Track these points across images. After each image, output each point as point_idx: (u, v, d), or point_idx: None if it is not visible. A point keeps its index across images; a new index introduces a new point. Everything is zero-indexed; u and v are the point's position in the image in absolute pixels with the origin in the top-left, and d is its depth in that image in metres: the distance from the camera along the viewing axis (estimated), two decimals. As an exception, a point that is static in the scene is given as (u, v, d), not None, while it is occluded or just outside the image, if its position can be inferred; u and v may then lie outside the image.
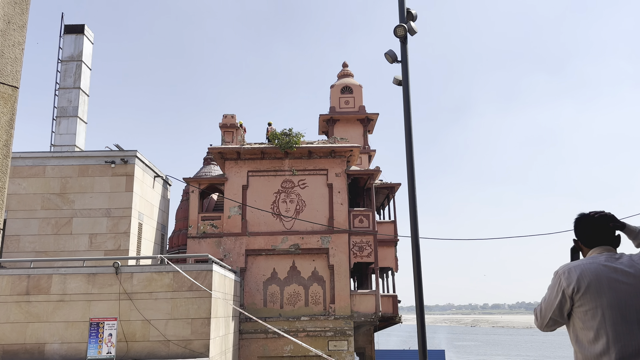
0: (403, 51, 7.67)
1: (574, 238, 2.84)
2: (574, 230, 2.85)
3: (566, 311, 2.55)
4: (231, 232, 18.54)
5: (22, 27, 2.14)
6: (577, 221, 2.87)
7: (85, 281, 12.60)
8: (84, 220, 15.70)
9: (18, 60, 2.10)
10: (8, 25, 2.09)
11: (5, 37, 2.07)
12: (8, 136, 2.04)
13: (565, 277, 2.54)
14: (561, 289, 2.52)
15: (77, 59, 19.47)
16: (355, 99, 23.23)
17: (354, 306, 18.06)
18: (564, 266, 2.63)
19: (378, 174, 19.68)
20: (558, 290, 2.54)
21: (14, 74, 2.09)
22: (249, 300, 18.06)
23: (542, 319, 2.63)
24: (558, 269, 2.63)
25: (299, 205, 18.86)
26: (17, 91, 2.08)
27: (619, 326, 2.41)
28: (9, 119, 2.06)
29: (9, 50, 2.08)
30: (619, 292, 2.46)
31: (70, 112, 18.97)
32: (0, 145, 2.01)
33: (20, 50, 2.12)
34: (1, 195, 2.04)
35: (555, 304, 2.55)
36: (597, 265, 2.56)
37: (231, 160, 19.20)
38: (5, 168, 2.04)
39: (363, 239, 18.67)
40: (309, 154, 19.16)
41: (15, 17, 2.13)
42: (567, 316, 2.57)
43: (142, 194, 16.84)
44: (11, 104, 2.07)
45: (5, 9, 2.08)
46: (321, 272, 18.43)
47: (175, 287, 12.65)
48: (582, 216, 2.88)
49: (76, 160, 16.31)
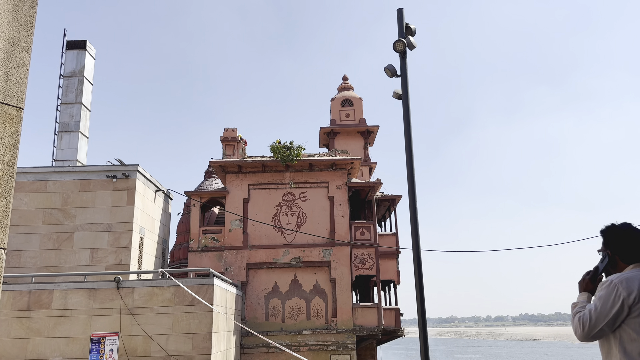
0: (402, 65, 7.73)
1: (607, 251, 2.73)
2: (610, 243, 2.73)
3: (619, 321, 2.49)
4: (232, 246, 18.51)
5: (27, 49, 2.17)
6: (617, 232, 2.72)
7: (87, 296, 12.56)
8: (85, 235, 15.70)
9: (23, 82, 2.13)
10: (13, 48, 2.12)
11: (10, 59, 2.10)
12: (12, 157, 2.07)
13: (624, 286, 2.49)
14: (620, 297, 2.47)
15: (79, 74, 19.60)
16: (355, 111, 23.33)
17: (356, 319, 17.96)
18: (618, 276, 2.57)
19: (379, 186, 19.69)
20: (616, 299, 2.48)
21: (19, 95, 2.12)
22: (251, 314, 17.96)
23: (590, 329, 2.52)
24: (611, 278, 2.57)
25: (300, 218, 18.85)
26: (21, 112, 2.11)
27: None
28: (14, 139, 2.09)
29: (14, 72, 2.11)
30: None
31: (72, 127, 19.05)
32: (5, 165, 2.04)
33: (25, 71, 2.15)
34: (5, 215, 2.06)
35: (612, 312, 2.48)
36: None
37: (232, 173, 19.23)
38: (9, 188, 2.06)
39: (364, 251, 18.62)
40: (310, 167, 19.20)
41: (21, 39, 2.16)
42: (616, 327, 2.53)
43: (143, 208, 16.85)
44: (16, 124, 2.10)
45: (11, 31, 2.12)
46: (323, 285, 18.35)
47: (176, 301, 12.60)
48: (624, 228, 2.73)
49: (78, 175, 16.36)
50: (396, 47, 7.59)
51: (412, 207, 7.36)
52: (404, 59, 7.75)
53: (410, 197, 7.42)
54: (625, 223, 2.77)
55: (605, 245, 2.75)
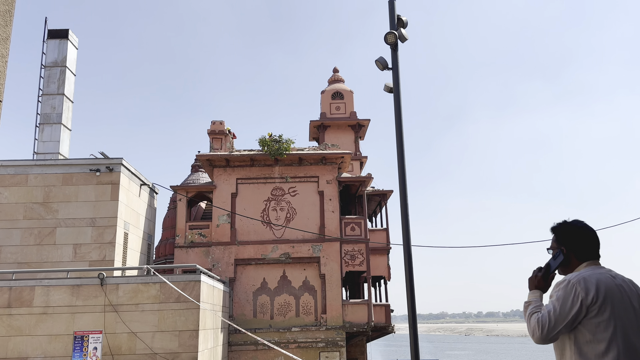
0: (394, 58, 7.73)
1: (561, 248, 2.71)
2: (564, 239, 2.72)
3: (577, 322, 2.47)
4: (220, 241, 18.47)
5: (5, 39, 2.14)
6: (572, 229, 2.71)
7: (69, 293, 12.48)
8: (68, 230, 15.57)
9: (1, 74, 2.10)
10: (-9, 38, 2.08)
11: (-12, 49, 2.07)
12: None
13: (582, 286, 2.47)
14: (579, 298, 2.44)
15: (61, 64, 19.36)
16: (346, 104, 23.33)
17: (346, 316, 18.04)
18: (575, 275, 2.54)
19: (370, 181, 19.74)
20: (575, 299, 2.45)
21: (-2, 87, 2.09)
22: (239, 311, 17.97)
23: (549, 331, 2.48)
24: (568, 278, 2.54)
25: (289, 213, 18.85)
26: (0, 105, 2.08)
27: (628, 340, 2.41)
28: (-8, 132, 2.05)
29: (-8, 63, 2.07)
30: (627, 306, 2.47)
31: (54, 119, 18.84)
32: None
33: (4, 63, 2.12)
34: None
35: (571, 314, 2.45)
36: (606, 277, 2.53)
37: (220, 167, 19.16)
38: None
39: (355, 247, 18.69)
40: (300, 161, 19.19)
41: (-1, 29, 2.13)
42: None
43: (128, 203, 16.75)
44: (-6, 117, 2.07)
45: (-11, 21, 2.08)
46: (312, 282, 18.40)
47: (162, 298, 12.56)
48: (579, 225, 2.73)
49: (60, 168, 16.19)
50: (387, 39, 7.59)
51: (403, 202, 7.39)
52: (395, 51, 7.76)
53: (401, 192, 7.46)
54: (577, 220, 2.76)
55: (558, 242, 2.73)
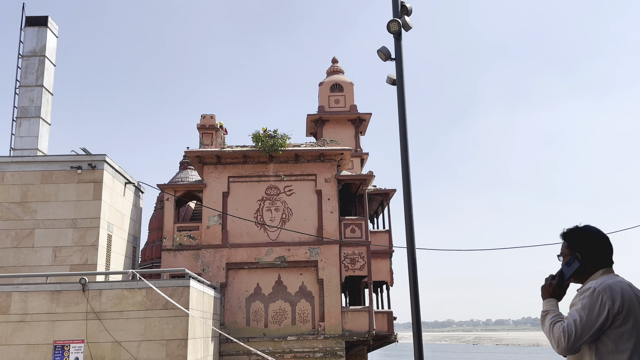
0: (397, 48, 7.74)
1: (575, 254, 2.74)
2: (578, 246, 2.75)
3: (601, 332, 2.50)
4: (210, 244, 18.46)
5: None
6: (586, 235, 2.75)
7: (49, 299, 12.46)
8: (47, 232, 15.55)
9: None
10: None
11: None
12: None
13: (608, 295, 2.51)
14: (606, 307, 2.48)
15: (40, 54, 19.31)
16: (346, 97, 23.32)
17: (346, 324, 18.06)
18: (599, 283, 2.58)
19: (371, 179, 19.75)
20: (601, 308, 2.49)
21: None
22: (230, 319, 17.97)
23: (576, 341, 2.50)
24: (593, 285, 2.58)
25: (285, 214, 18.85)
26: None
27: None
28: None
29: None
30: None
31: (32, 113, 18.79)
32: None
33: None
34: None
35: (598, 323, 2.48)
36: (626, 286, 2.59)
37: (210, 164, 19.15)
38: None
39: (355, 250, 18.70)
40: (296, 158, 19.18)
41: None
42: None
43: (111, 203, 16.73)
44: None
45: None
46: (309, 287, 18.41)
47: (148, 305, 12.55)
48: (593, 231, 2.76)
49: (39, 165, 16.16)
50: (390, 27, 7.58)
51: (407, 202, 7.39)
52: (398, 40, 7.75)
53: (405, 191, 7.46)
54: (589, 225, 2.80)
55: (571, 249, 2.77)
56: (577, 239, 2.76)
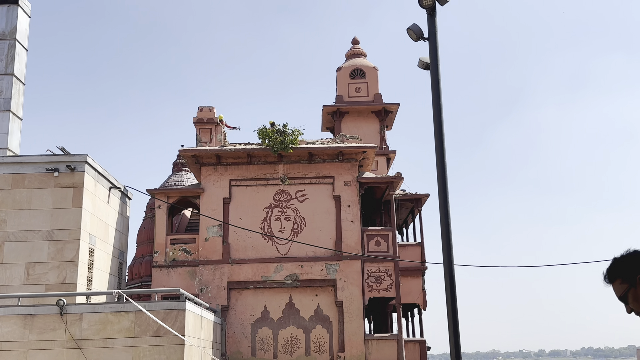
0: (431, 25, 7.73)
1: (635, 278, 2.65)
2: (636, 268, 2.68)
3: None
4: (209, 259, 18.56)
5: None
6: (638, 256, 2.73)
7: (21, 324, 12.60)
8: (19, 246, 15.74)
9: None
10: None
11: None
12: None
13: None
14: None
15: (10, 36, 19.59)
16: (369, 85, 23.34)
17: (370, 355, 18.03)
18: None
19: (399, 182, 19.71)
20: None
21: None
22: (233, 348, 18.04)
23: None
24: None
25: (296, 224, 18.89)
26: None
27: None
28: None
29: None
30: None
31: (1, 106, 19.07)
32: None
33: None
34: None
35: None
36: None
37: (209, 165, 19.26)
38: None
39: (381, 266, 18.67)
40: (310, 157, 19.22)
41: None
42: None
43: (93, 211, 16.89)
44: None
45: None
46: (326, 311, 18.41)
47: (137, 331, 12.64)
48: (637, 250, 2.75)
49: (8, 167, 16.37)
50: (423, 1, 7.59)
51: (444, 209, 7.38)
52: (432, 17, 7.75)
53: (441, 196, 7.44)
54: (629, 250, 2.72)
55: (626, 279, 2.64)
56: (629, 266, 2.67)
